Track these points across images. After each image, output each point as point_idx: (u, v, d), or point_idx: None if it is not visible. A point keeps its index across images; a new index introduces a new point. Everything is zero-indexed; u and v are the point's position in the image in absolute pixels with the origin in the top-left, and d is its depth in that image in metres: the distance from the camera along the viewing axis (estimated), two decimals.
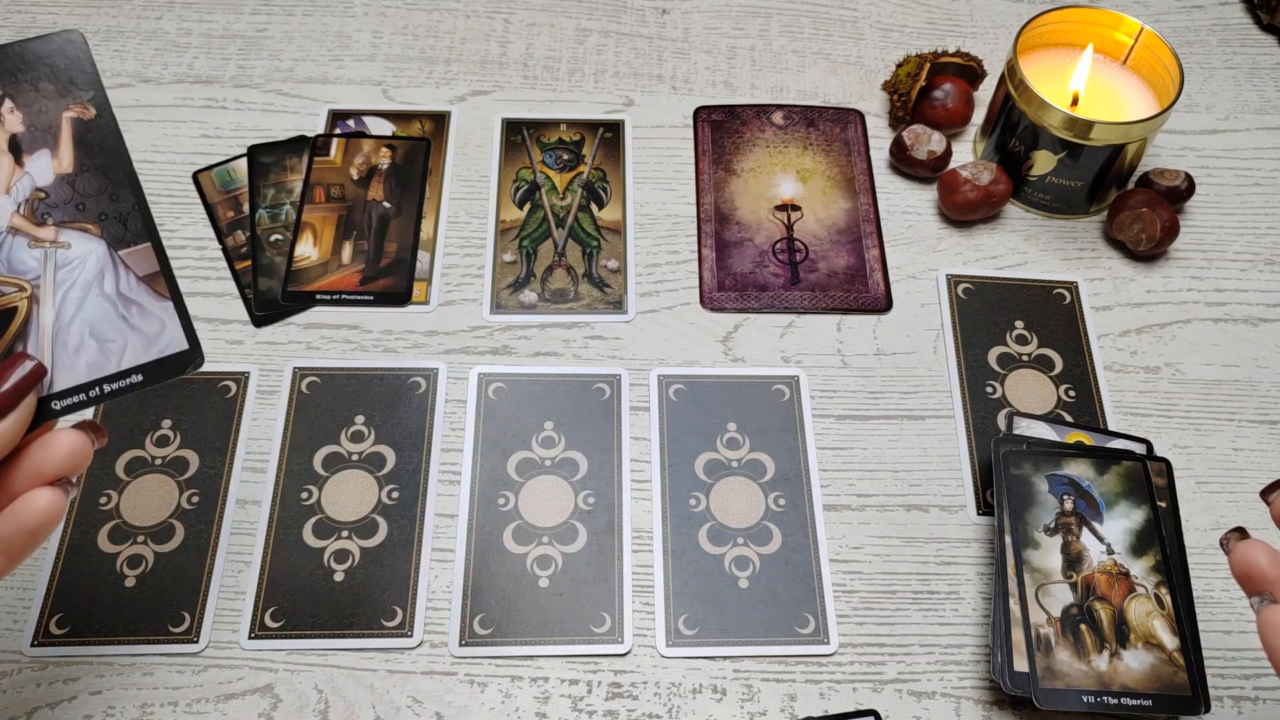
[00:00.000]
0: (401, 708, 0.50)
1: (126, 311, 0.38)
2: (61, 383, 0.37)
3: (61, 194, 0.38)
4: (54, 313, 0.37)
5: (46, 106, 0.38)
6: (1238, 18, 0.79)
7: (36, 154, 0.38)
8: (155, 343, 0.38)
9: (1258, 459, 0.59)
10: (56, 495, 0.36)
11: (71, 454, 0.36)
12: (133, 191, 0.38)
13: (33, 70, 0.38)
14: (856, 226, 0.66)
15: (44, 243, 0.38)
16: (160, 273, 0.38)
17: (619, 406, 0.59)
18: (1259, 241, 0.67)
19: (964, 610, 0.54)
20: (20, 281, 0.37)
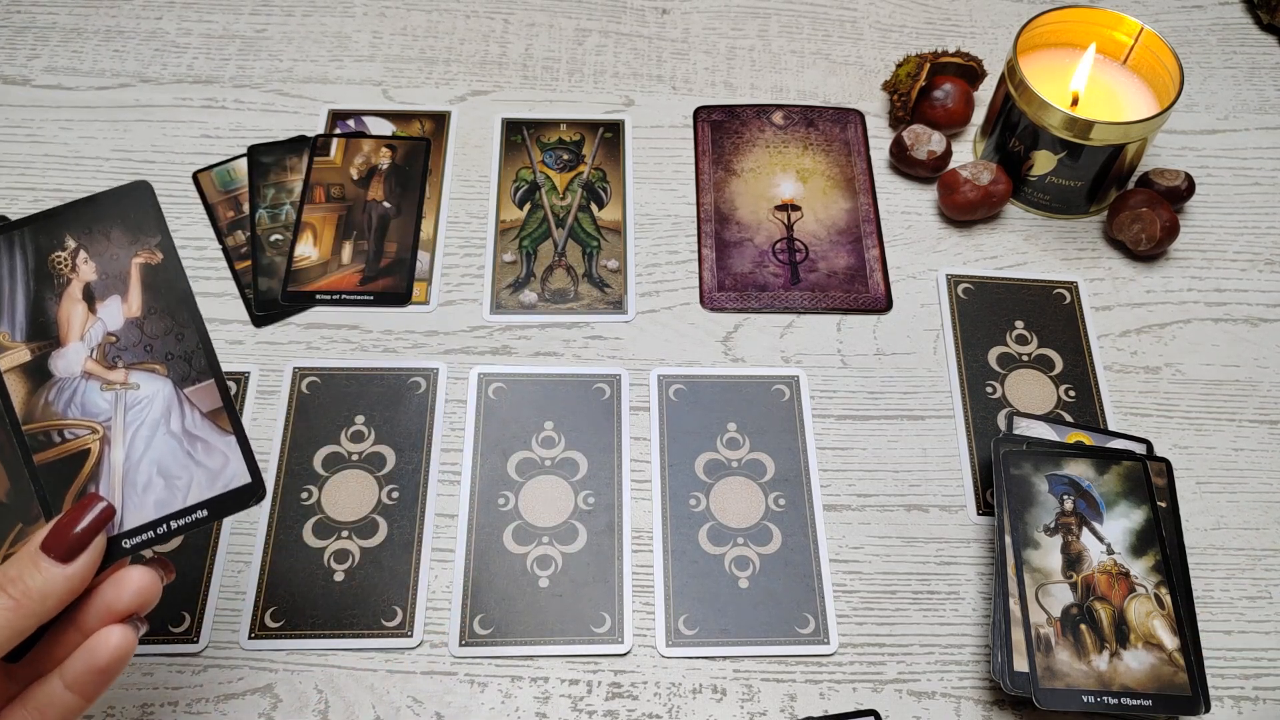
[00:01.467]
0: (401, 708, 0.50)
1: (192, 448, 0.39)
2: (130, 521, 0.38)
3: (131, 337, 0.39)
4: (124, 453, 0.39)
5: (117, 254, 0.39)
6: (1237, 18, 0.79)
7: (108, 300, 0.39)
8: (219, 477, 0.39)
9: (1258, 459, 0.59)
10: (127, 633, 0.36)
11: (140, 591, 0.37)
12: (197, 330, 0.40)
13: (104, 222, 0.39)
14: (856, 226, 0.66)
15: (115, 385, 0.39)
16: (223, 408, 0.40)
17: (619, 406, 0.59)
18: (1259, 241, 0.67)
19: (964, 610, 0.54)
20: (93, 424, 0.39)
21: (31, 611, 0.35)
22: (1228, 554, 0.56)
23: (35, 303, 0.39)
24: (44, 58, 0.72)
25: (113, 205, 0.39)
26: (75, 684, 0.36)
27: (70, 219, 0.39)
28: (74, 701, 0.36)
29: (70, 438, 0.39)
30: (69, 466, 0.38)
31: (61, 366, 0.39)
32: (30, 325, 0.39)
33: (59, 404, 0.39)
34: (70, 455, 0.38)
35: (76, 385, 0.39)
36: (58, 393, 0.39)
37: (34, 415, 0.38)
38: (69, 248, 0.39)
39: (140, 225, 0.40)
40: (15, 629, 0.34)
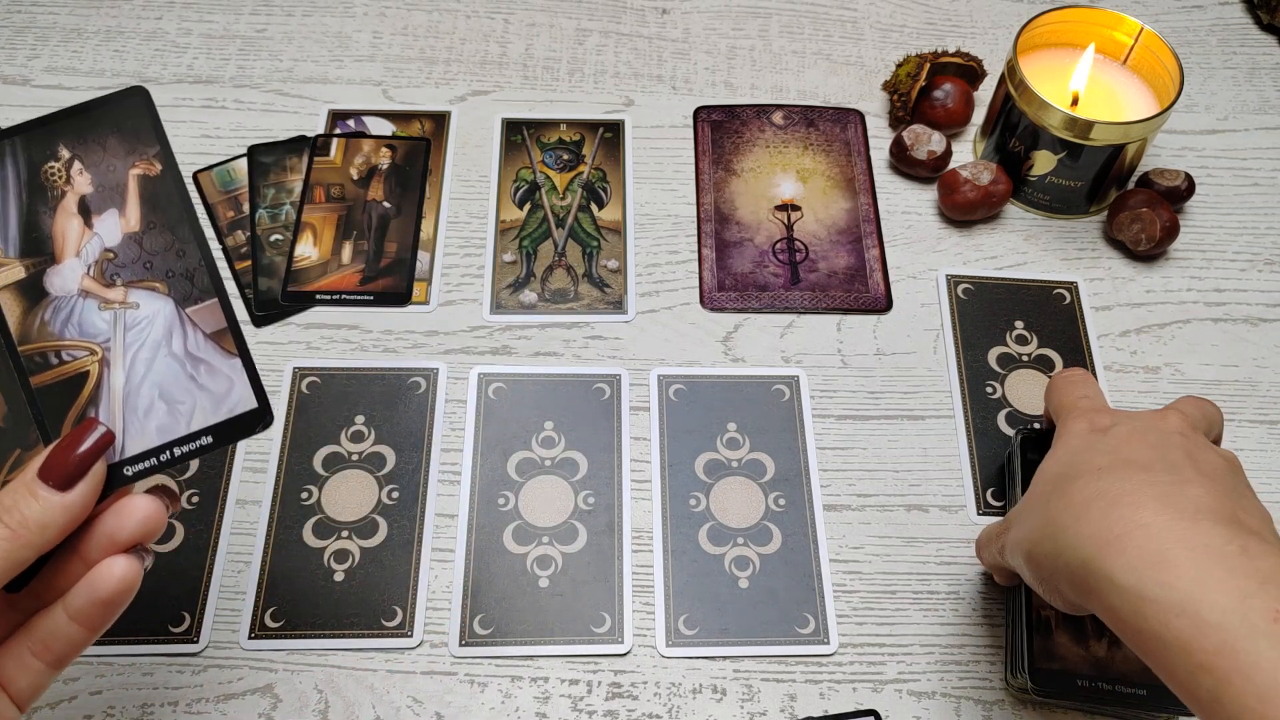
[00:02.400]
0: (401, 708, 0.50)
1: (195, 371, 0.37)
2: (132, 448, 0.36)
3: (129, 253, 0.37)
4: (124, 375, 0.37)
5: (114, 165, 0.37)
6: (1237, 18, 0.79)
7: (105, 214, 0.37)
8: (224, 402, 0.37)
9: (1258, 459, 0.59)
10: (131, 563, 0.35)
11: (145, 520, 0.35)
12: (199, 246, 0.38)
13: (99, 129, 0.37)
14: (856, 226, 0.66)
15: (113, 304, 0.37)
16: (228, 329, 0.38)
17: (619, 406, 0.59)
18: (1259, 241, 0.67)
19: (964, 610, 0.54)
20: (92, 345, 0.37)
21: (29, 542, 0.33)
22: None
23: (28, 216, 0.37)
24: (44, 58, 0.72)
25: (107, 113, 0.37)
26: (79, 615, 0.35)
27: (63, 127, 0.37)
28: (78, 633, 0.35)
29: (68, 359, 0.36)
30: (67, 390, 0.36)
31: (57, 284, 0.37)
32: (24, 240, 0.37)
33: (55, 324, 0.37)
34: (68, 378, 0.36)
35: (74, 304, 0.37)
36: (54, 312, 0.37)
37: (30, 335, 0.37)
38: (62, 158, 0.37)
39: (137, 134, 0.37)
40: (13, 559, 0.33)
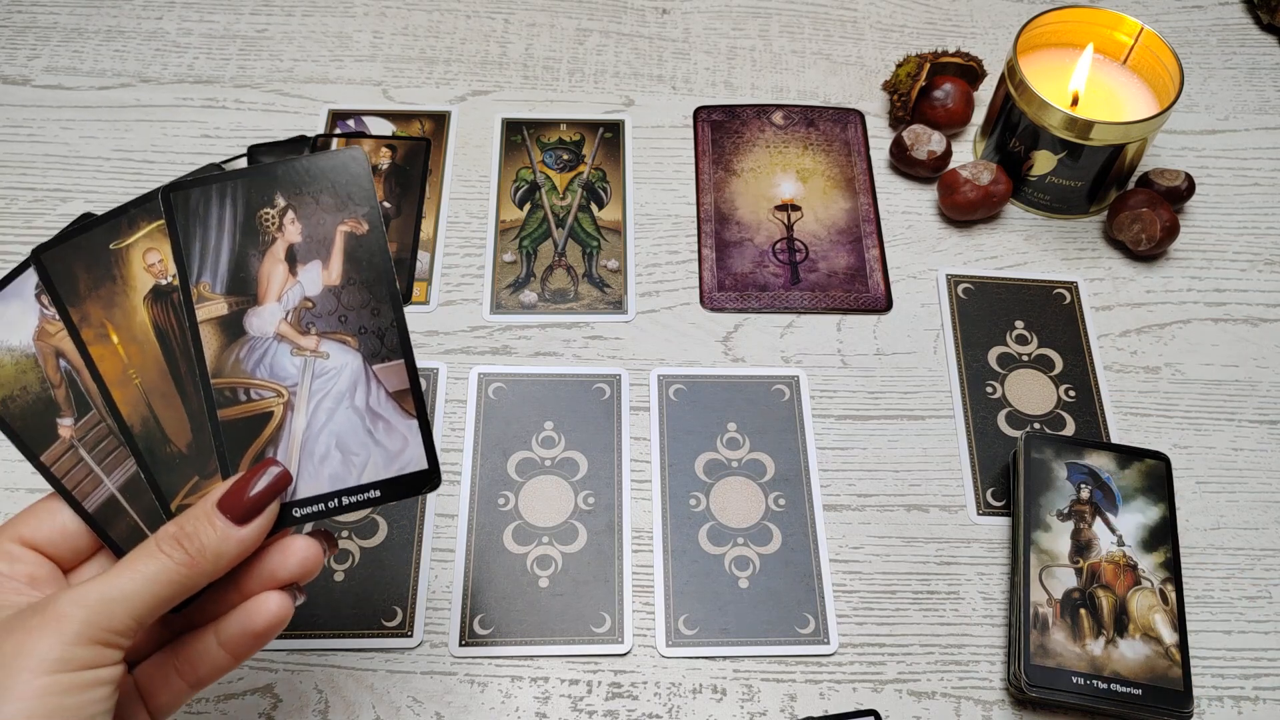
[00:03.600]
0: (401, 708, 0.50)
1: (373, 426, 0.38)
2: (304, 491, 0.37)
3: (327, 305, 0.38)
4: (306, 420, 0.38)
5: (324, 220, 0.38)
6: (1237, 18, 0.79)
7: (309, 264, 0.38)
8: (396, 460, 0.38)
9: (1258, 459, 0.59)
10: (285, 601, 0.36)
11: (304, 562, 0.37)
12: (393, 308, 0.39)
13: (315, 184, 0.38)
14: (856, 226, 0.66)
15: (305, 351, 0.38)
16: (409, 390, 0.39)
17: (619, 406, 0.59)
18: (1259, 241, 0.67)
19: (964, 610, 0.54)
20: (279, 387, 0.38)
21: (204, 570, 0.34)
22: (1227, 554, 0.56)
23: (238, 257, 0.38)
24: (44, 58, 0.72)
25: (326, 169, 0.38)
26: (229, 643, 0.36)
27: (283, 177, 0.38)
28: (224, 660, 0.36)
29: (256, 398, 0.38)
30: (250, 427, 0.37)
31: (256, 325, 0.38)
32: (231, 279, 0.38)
33: (249, 363, 0.38)
34: (253, 416, 0.38)
35: (268, 346, 0.38)
36: (249, 351, 0.38)
37: (223, 370, 0.38)
38: (278, 206, 0.38)
39: (350, 193, 0.38)
40: (187, 585, 0.34)
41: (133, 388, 0.38)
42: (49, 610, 0.32)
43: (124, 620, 0.33)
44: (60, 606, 0.32)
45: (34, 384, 0.38)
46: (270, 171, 0.38)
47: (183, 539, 0.34)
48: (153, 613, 0.34)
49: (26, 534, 0.37)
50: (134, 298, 0.38)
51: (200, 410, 0.38)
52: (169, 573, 0.34)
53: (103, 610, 0.33)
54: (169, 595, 0.34)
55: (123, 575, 0.34)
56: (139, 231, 0.38)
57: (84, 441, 0.38)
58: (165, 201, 0.38)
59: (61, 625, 0.32)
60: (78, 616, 0.32)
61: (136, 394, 0.38)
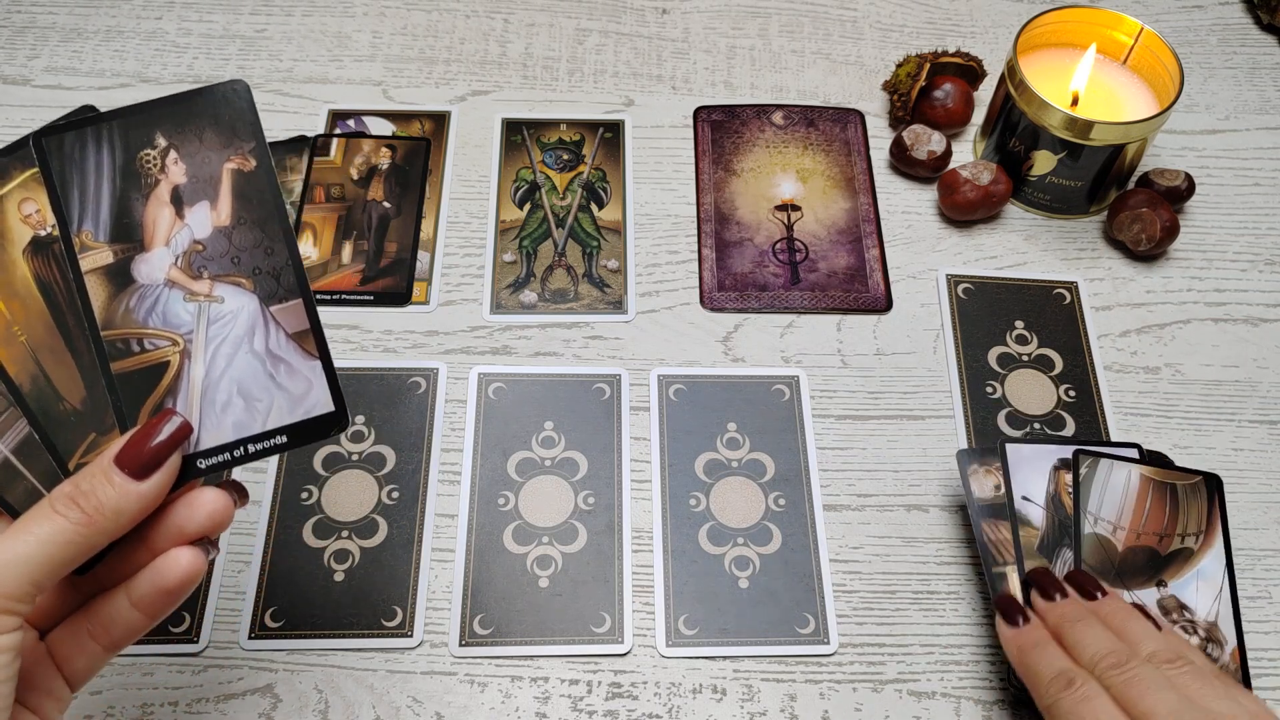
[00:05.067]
0: (401, 708, 0.50)
1: (274, 370, 0.37)
2: (207, 441, 0.36)
3: (218, 247, 0.37)
4: (204, 368, 0.37)
5: (209, 157, 0.37)
6: (1238, 18, 0.79)
7: (196, 206, 0.37)
8: (301, 403, 0.37)
9: (1258, 459, 0.59)
10: (197, 555, 0.35)
11: (213, 514, 0.36)
12: (287, 246, 0.37)
13: (197, 121, 0.37)
14: (856, 226, 0.66)
15: (199, 296, 0.37)
16: (310, 330, 0.37)
17: (619, 406, 0.59)
18: (1259, 241, 0.67)
19: (964, 610, 0.54)
20: (174, 335, 0.37)
21: (103, 528, 0.33)
22: None
23: (121, 202, 0.36)
24: (44, 58, 0.72)
25: (207, 104, 0.36)
26: (141, 603, 0.35)
27: (162, 115, 0.36)
28: (138, 619, 0.36)
29: (150, 348, 0.36)
30: (146, 378, 0.36)
31: (144, 272, 0.37)
32: (115, 226, 0.36)
33: (140, 311, 0.36)
34: (149, 366, 0.36)
35: (159, 293, 0.37)
36: (139, 300, 0.36)
37: (114, 321, 0.36)
38: (159, 146, 0.37)
39: (235, 128, 0.37)
40: (87, 545, 0.33)
41: (18, 345, 0.36)
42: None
43: (20, 585, 0.32)
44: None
45: None
46: (148, 110, 0.37)
47: (79, 497, 0.33)
48: (51, 576, 0.33)
49: None
50: (12, 251, 0.36)
51: (92, 364, 0.36)
52: (66, 533, 0.33)
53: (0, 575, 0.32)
54: (67, 557, 0.33)
55: (16, 539, 0.32)
56: (11, 181, 0.37)
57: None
58: (38, 148, 0.36)
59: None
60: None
61: (23, 351, 0.36)
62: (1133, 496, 0.52)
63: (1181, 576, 0.51)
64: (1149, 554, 0.51)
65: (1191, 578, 0.51)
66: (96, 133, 0.36)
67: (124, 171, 0.37)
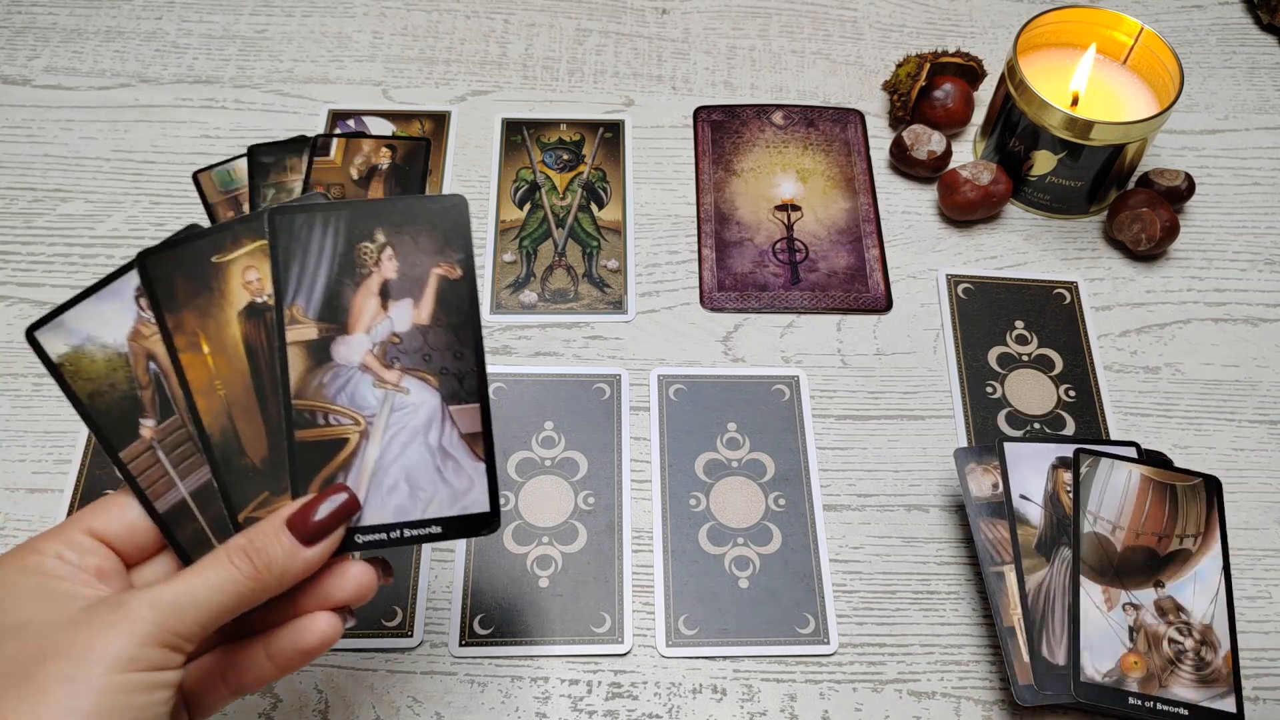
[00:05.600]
0: (401, 708, 0.50)
1: (443, 464, 0.39)
2: (369, 518, 0.38)
3: (413, 342, 0.39)
4: (379, 451, 0.39)
5: (420, 260, 0.39)
6: (1237, 18, 0.79)
7: (401, 301, 0.39)
8: (460, 500, 0.39)
9: (1258, 459, 0.59)
10: (335, 622, 0.37)
11: (359, 587, 0.37)
12: (475, 354, 0.40)
13: (417, 225, 0.39)
14: (856, 226, 0.66)
15: (387, 384, 0.39)
16: (481, 435, 0.40)
17: (619, 406, 0.59)
18: (1259, 241, 0.67)
19: (964, 610, 0.54)
20: (358, 415, 0.39)
21: (267, 585, 0.35)
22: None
23: (334, 286, 0.39)
24: (44, 58, 0.72)
25: (427, 211, 0.39)
26: (276, 656, 0.37)
27: (386, 213, 0.39)
28: (270, 671, 0.37)
29: (334, 423, 0.39)
30: (325, 451, 0.38)
31: (342, 353, 0.39)
32: (324, 305, 0.39)
33: (331, 389, 0.39)
34: (329, 440, 0.39)
35: (351, 375, 0.39)
36: (332, 378, 0.39)
37: (305, 392, 0.39)
38: (378, 241, 0.39)
39: (449, 237, 0.39)
40: (251, 597, 0.35)
41: (217, 398, 0.38)
42: (123, 609, 0.33)
43: (191, 625, 0.34)
44: (134, 606, 0.33)
45: (122, 382, 0.39)
46: (375, 206, 0.40)
47: (251, 553, 0.35)
48: (217, 621, 0.34)
49: (97, 526, 0.37)
50: (229, 311, 0.39)
51: (279, 428, 0.38)
52: (236, 584, 0.34)
53: (174, 614, 0.33)
54: (234, 606, 0.35)
55: (194, 581, 0.34)
56: (242, 248, 0.39)
57: (163, 444, 0.38)
58: (270, 222, 0.39)
59: (134, 625, 0.32)
60: (150, 618, 0.33)
61: (220, 405, 0.38)
62: (1132, 496, 0.52)
63: (1179, 578, 0.51)
64: (1147, 554, 0.51)
65: (1189, 579, 0.51)
66: (325, 218, 0.39)
67: (343, 258, 0.39)
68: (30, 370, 0.59)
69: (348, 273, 0.39)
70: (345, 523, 0.37)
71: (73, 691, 0.31)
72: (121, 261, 0.63)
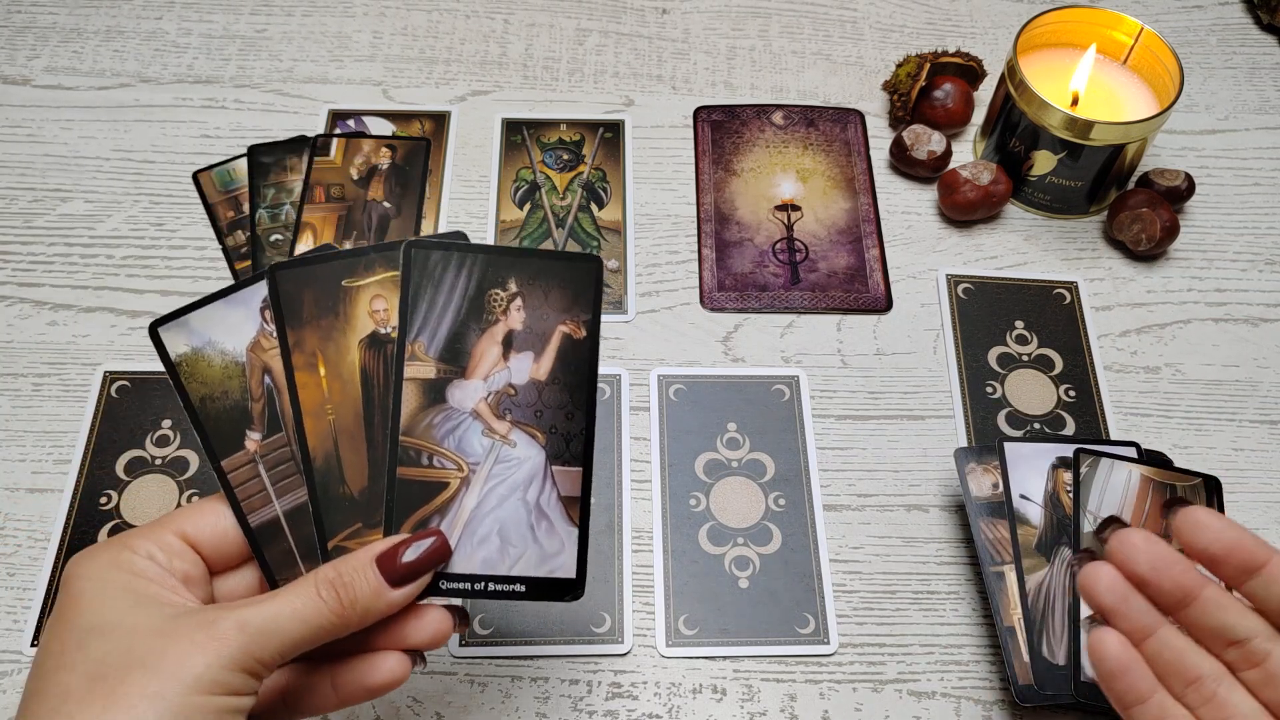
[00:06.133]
0: (401, 708, 0.50)
1: (537, 524, 0.39)
2: (456, 566, 0.38)
3: (528, 396, 0.39)
4: (476, 500, 0.39)
5: (548, 315, 0.39)
6: (1238, 18, 0.79)
7: (522, 354, 0.39)
8: (548, 562, 0.39)
9: (1258, 459, 0.59)
10: (405, 664, 0.37)
11: (436, 634, 0.37)
12: (586, 416, 0.40)
13: (549, 279, 0.39)
14: (856, 226, 0.67)
15: (495, 435, 0.39)
16: (579, 500, 0.39)
17: (619, 406, 0.59)
18: (1259, 241, 0.67)
19: (964, 610, 0.54)
20: (462, 461, 0.39)
21: (350, 622, 0.35)
22: None
23: (459, 328, 0.39)
24: (44, 58, 0.72)
25: (561, 266, 0.39)
26: (341, 688, 0.37)
27: (521, 263, 0.39)
28: (332, 701, 0.37)
29: (437, 465, 0.39)
30: (423, 492, 0.38)
31: (457, 397, 0.39)
32: (446, 347, 0.39)
33: (440, 431, 0.39)
34: (430, 482, 0.38)
35: (462, 420, 0.39)
36: (443, 420, 0.39)
37: (414, 431, 0.39)
38: (509, 290, 0.39)
39: (579, 296, 0.40)
40: (332, 631, 0.35)
41: (325, 422, 0.38)
42: (212, 628, 0.33)
43: (273, 653, 0.33)
44: (223, 628, 0.33)
45: (235, 391, 0.39)
46: (510, 255, 0.40)
47: (339, 586, 0.35)
48: (297, 650, 0.34)
49: (190, 531, 0.37)
50: (351, 337, 0.39)
51: (382, 462, 0.38)
52: (321, 616, 0.34)
53: (259, 640, 0.33)
54: (314, 638, 0.34)
55: (281, 608, 0.34)
56: (373, 276, 0.39)
57: (265, 460, 0.38)
58: (405, 254, 0.39)
59: (221, 646, 0.32)
60: (237, 642, 0.33)
61: (327, 429, 0.38)
62: (1133, 496, 0.52)
63: None
64: None
65: None
66: (461, 259, 0.39)
67: (472, 302, 0.39)
68: (30, 370, 0.59)
69: (475, 317, 0.39)
70: (434, 568, 0.37)
71: (153, 710, 0.31)
72: (122, 262, 0.63)
